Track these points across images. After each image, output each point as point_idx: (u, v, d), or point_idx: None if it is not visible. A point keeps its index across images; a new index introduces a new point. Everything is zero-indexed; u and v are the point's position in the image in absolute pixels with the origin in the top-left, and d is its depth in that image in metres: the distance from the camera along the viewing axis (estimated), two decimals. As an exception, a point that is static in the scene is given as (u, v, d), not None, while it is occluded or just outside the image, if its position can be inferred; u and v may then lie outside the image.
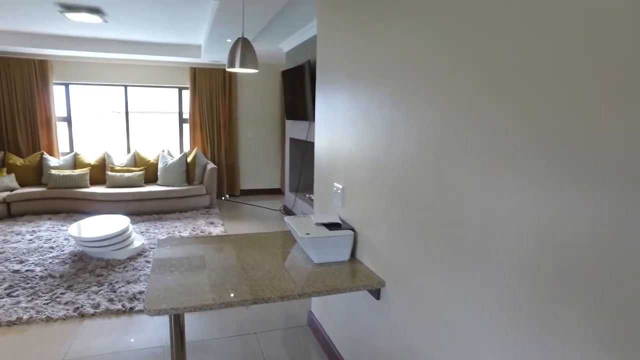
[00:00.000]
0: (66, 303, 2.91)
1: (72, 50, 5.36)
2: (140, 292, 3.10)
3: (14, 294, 3.02)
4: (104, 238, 3.65)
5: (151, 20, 4.28)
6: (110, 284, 3.24)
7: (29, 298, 2.97)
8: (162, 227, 4.90)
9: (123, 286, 3.20)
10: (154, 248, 4.09)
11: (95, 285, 3.20)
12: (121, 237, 3.77)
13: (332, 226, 1.96)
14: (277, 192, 7.33)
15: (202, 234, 4.65)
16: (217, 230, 4.81)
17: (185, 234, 4.63)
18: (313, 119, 4.35)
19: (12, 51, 5.56)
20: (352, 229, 1.94)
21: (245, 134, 7.00)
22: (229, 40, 4.44)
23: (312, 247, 1.84)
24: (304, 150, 5.73)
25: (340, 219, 2.06)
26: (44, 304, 2.88)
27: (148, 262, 3.73)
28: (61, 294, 3.05)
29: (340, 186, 2.10)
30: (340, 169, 2.12)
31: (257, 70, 2.32)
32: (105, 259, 3.71)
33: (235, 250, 1.98)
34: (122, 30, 4.81)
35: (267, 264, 1.81)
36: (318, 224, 1.99)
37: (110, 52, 5.45)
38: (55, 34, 5.09)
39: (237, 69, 2.59)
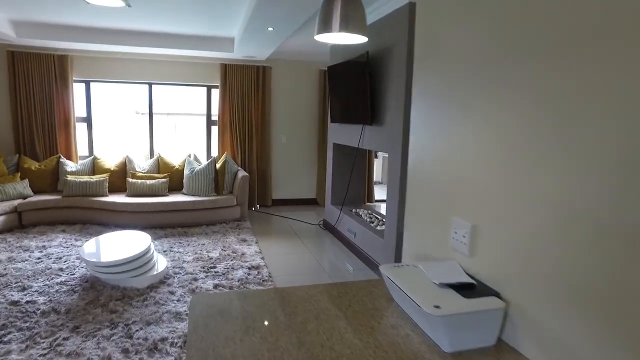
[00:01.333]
0: (69, 355, 2.26)
1: (93, 44, 4.80)
2: (163, 340, 2.43)
3: (6, 339, 2.39)
4: (120, 263, 3.02)
5: (179, 5, 3.66)
6: (126, 324, 2.58)
7: (23, 345, 2.33)
8: (188, 244, 4.26)
9: (141, 329, 2.54)
10: (179, 274, 3.44)
11: (108, 327, 2.55)
12: (140, 261, 3.13)
13: (461, 288, 1.23)
14: (312, 202, 6.63)
15: (234, 254, 3.97)
16: (250, 250, 4.14)
17: (214, 254, 3.97)
18: (370, 122, 3.63)
19: (30, 45, 5.05)
20: (497, 294, 1.21)
21: (279, 138, 6.33)
22: (270, 29, 3.78)
23: (446, 328, 1.12)
24: (354, 159, 5.02)
25: (469, 274, 1.33)
26: (40, 356, 2.24)
27: (172, 293, 3.07)
28: (64, 338, 2.41)
29: (468, 225, 1.37)
30: (468, 198, 1.38)
31: (365, 38, 1.58)
32: (121, 287, 3.08)
33: (308, 322, 1.26)
34: (146, 19, 4.21)
35: (366, 356, 1.09)
36: (442, 285, 1.26)
37: (134, 45, 4.87)
38: (74, 24, 4.54)
39: (334, 34, 1.52)
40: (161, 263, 3.41)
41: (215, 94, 5.99)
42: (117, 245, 3.29)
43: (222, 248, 4.16)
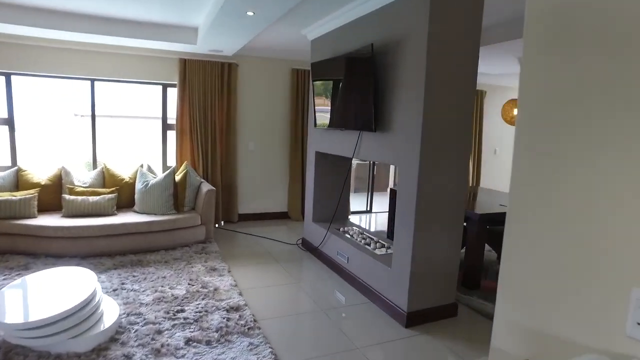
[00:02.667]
0: None
1: (15, 25, 3.82)
2: None
3: None
4: (51, 322, 2.18)
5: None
6: (61, 419, 1.78)
7: None
8: (145, 277, 3.42)
9: None
10: (136, 324, 2.63)
11: None
12: (81, 315, 2.30)
13: None
14: (283, 216, 5.93)
15: (205, 290, 3.20)
16: (224, 283, 3.38)
17: (180, 290, 3.18)
18: (374, 128, 3.03)
19: None
20: None
21: (246, 145, 5.59)
22: (250, 14, 3.08)
23: None
24: (347, 171, 4.40)
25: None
26: None
27: (129, 357, 2.27)
28: None
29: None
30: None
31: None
32: (53, 354, 2.23)
33: None
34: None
35: None
36: None
37: (70, 30, 3.94)
38: (-9, 0, 3.56)
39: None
40: (110, 312, 2.58)
41: (173, 93, 5.14)
42: (46, 292, 2.43)
43: (188, 281, 3.37)
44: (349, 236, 3.89)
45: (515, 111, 4.93)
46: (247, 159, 5.61)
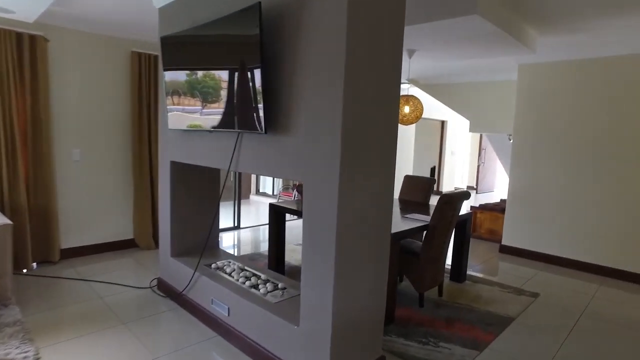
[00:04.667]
0: None
1: None
2: None
3: None
4: None
5: None
6: None
7: None
8: None
9: None
10: None
11: None
12: None
13: None
14: (129, 245, 4.52)
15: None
16: (25, 387, 2.02)
17: None
18: (263, 129, 2.09)
19: None
20: None
21: (69, 153, 4.02)
22: None
23: None
24: (222, 187, 3.31)
25: None
26: None
27: None
28: None
29: None
30: None
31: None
32: None
33: None
34: None
35: None
36: None
37: None
38: None
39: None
40: None
41: None
42: None
43: (-52, 401, 1.91)
44: (225, 275, 2.87)
45: (407, 109, 4.58)
46: (71, 172, 4.05)
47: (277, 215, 3.78)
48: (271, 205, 3.77)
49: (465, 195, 3.23)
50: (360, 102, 1.89)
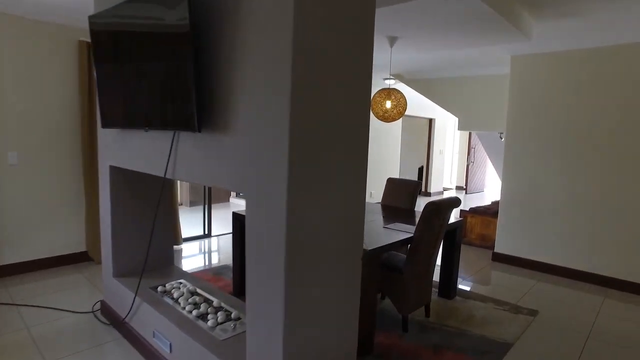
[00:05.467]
0: None
1: None
2: None
3: None
4: None
5: None
6: None
7: None
8: None
9: None
10: None
11: None
12: None
13: None
14: (82, 259, 4.02)
15: None
16: None
17: None
18: (196, 127, 1.63)
19: None
20: None
21: (3, 155, 3.51)
22: None
23: None
24: (160, 193, 2.84)
25: None
26: None
27: None
28: None
29: None
30: None
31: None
32: None
33: None
34: None
35: None
36: None
37: None
38: None
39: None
40: None
41: None
42: None
43: None
44: (171, 302, 2.40)
45: (389, 104, 4.14)
46: (7, 178, 3.54)
47: (242, 226, 3.31)
48: (234, 215, 3.29)
49: (455, 202, 2.81)
50: (317, 92, 1.44)
